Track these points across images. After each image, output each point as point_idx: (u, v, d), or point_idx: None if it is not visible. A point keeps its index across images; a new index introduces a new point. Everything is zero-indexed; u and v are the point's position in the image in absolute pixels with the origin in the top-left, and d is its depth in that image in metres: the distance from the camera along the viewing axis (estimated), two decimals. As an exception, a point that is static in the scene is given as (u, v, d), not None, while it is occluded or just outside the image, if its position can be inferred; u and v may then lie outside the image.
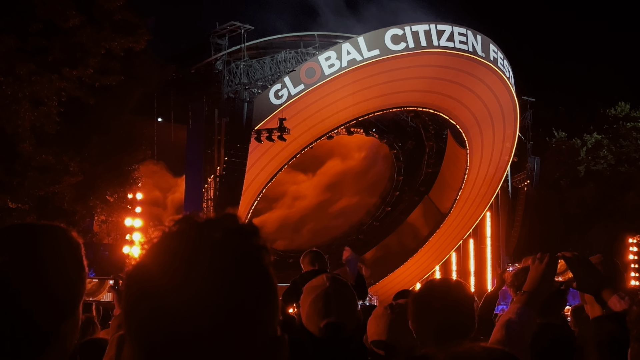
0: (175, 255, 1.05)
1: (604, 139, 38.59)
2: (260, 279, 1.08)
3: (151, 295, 1.04)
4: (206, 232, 1.07)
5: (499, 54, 30.78)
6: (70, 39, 17.72)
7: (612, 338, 2.64)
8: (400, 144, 36.06)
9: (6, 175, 17.53)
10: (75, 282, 1.55)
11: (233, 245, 1.07)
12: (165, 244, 1.08)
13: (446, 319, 2.79)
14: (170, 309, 1.02)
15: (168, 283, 1.03)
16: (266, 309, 1.07)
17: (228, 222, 1.11)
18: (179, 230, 1.09)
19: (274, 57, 27.88)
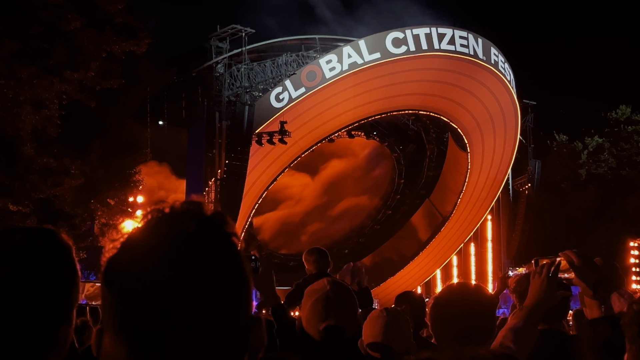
0: (151, 251, 1.09)
1: (605, 142, 38.57)
2: (234, 267, 1.12)
3: (131, 291, 1.07)
4: (180, 226, 1.10)
5: (499, 57, 30.79)
6: (72, 41, 17.73)
7: (606, 341, 2.67)
8: (401, 147, 36.07)
9: (7, 178, 17.54)
10: (69, 285, 1.55)
11: (206, 236, 1.11)
12: (140, 239, 1.12)
13: (465, 323, 2.80)
14: (150, 303, 1.06)
15: (147, 280, 1.06)
16: (243, 295, 1.12)
17: (198, 213, 1.14)
18: (153, 225, 1.12)
19: (275, 60, 27.91)
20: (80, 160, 19.13)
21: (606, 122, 39.78)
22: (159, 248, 1.09)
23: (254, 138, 26.50)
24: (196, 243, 1.09)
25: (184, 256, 1.08)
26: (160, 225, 1.12)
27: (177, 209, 1.14)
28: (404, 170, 36.70)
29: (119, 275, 1.10)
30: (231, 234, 1.15)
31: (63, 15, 17.27)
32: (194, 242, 1.09)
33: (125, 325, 1.07)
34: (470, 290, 2.99)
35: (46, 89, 17.18)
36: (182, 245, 1.09)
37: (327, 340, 2.86)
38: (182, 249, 1.08)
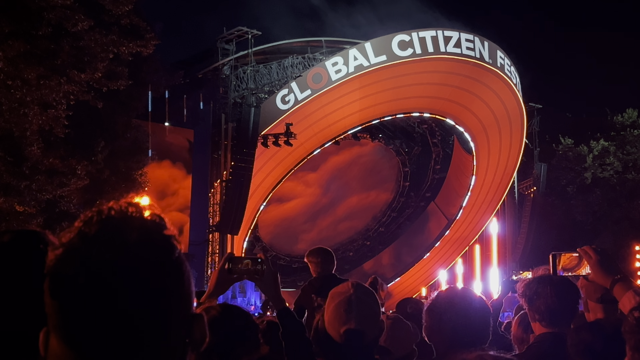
0: (90, 260, 1.13)
1: (611, 146, 38.47)
2: (172, 271, 1.18)
3: (73, 301, 1.12)
4: (118, 232, 1.15)
5: (506, 61, 30.76)
6: (78, 42, 17.78)
7: (587, 346, 2.74)
8: (407, 149, 36.06)
9: (14, 178, 17.59)
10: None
11: (144, 245, 1.16)
12: (79, 248, 1.15)
13: (457, 329, 2.84)
14: (91, 311, 1.11)
15: (87, 289, 1.11)
16: (182, 296, 1.19)
17: (135, 216, 1.19)
18: (92, 232, 1.16)
19: (281, 62, 27.94)
20: (86, 161, 19.18)
21: (612, 125, 39.68)
22: (101, 257, 1.13)
23: (260, 140, 26.52)
24: (136, 249, 1.15)
25: (125, 264, 1.13)
26: (99, 232, 1.16)
27: (114, 214, 1.19)
28: (409, 172, 36.69)
29: (62, 286, 1.13)
30: (170, 237, 1.20)
31: (70, 17, 17.32)
32: (134, 248, 1.14)
33: (69, 332, 1.12)
34: (457, 296, 3.04)
35: (53, 89, 17.22)
36: (123, 253, 1.13)
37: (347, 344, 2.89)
38: (123, 257, 1.13)
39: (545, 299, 3.35)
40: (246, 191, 26.12)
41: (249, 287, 29.44)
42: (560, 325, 3.24)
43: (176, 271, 1.19)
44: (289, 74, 27.56)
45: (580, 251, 2.93)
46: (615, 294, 2.75)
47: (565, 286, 3.23)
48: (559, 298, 3.33)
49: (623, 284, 2.73)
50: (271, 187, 29.80)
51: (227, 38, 28.29)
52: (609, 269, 2.81)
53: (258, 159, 26.54)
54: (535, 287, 3.39)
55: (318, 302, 6.04)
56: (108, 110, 19.91)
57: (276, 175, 29.65)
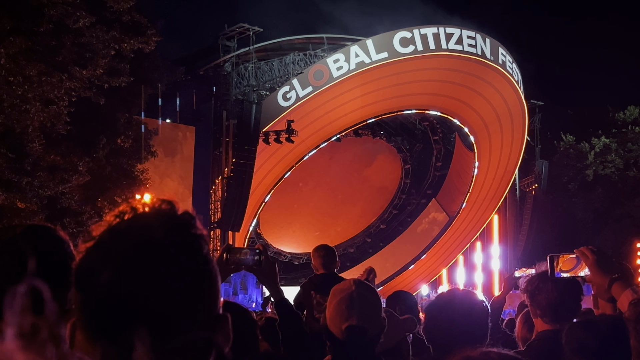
0: (118, 254, 1.13)
1: (613, 143, 38.45)
2: (199, 269, 1.17)
3: (99, 295, 1.12)
4: (148, 229, 1.15)
5: (507, 57, 30.73)
6: (80, 39, 17.79)
7: (581, 344, 2.75)
8: (408, 147, 36.06)
9: (15, 174, 17.61)
10: (69, 275, 1.57)
11: (173, 239, 1.15)
12: (109, 243, 1.15)
13: (456, 330, 2.88)
14: (116, 300, 1.10)
15: (114, 284, 1.11)
16: (207, 295, 1.18)
17: (167, 217, 1.18)
18: (122, 228, 1.16)
19: (282, 59, 27.92)
20: (87, 158, 19.20)
21: (614, 123, 39.65)
22: (126, 252, 1.13)
23: (261, 137, 26.52)
24: (162, 246, 1.14)
25: (151, 260, 1.12)
26: (128, 228, 1.16)
27: (146, 210, 1.18)
28: (410, 169, 36.70)
29: (85, 279, 1.14)
30: (198, 235, 1.19)
31: (71, 13, 17.34)
32: (160, 245, 1.14)
33: (94, 326, 1.12)
34: (457, 298, 3.09)
35: (55, 86, 17.24)
36: (149, 249, 1.13)
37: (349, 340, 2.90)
38: (149, 253, 1.13)
39: (546, 294, 3.35)
40: (247, 188, 26.12)
41: (250, 283, 29.48)
42: (562, 321, 3.24)
43: (201, 270, 1.17)
44: (290, 70, 27.55)
45: (577, 252, 2.94)
46: (613, 293, 2.76)
47: (567, 282, 3.23)
48: (561, 294, 3.33)
49: (621, 283, 2.74)
50: (272, 184, 29.81)
51: (228, 35, 28.27)
52: (607, 269, 2.82)
53: (259, 156, 26.54)
54: (537, 282, 3.39)
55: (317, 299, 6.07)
56: (109, 106, 19.93)
57: (277, 172, 29.65)
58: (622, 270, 2.83)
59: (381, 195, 37.13)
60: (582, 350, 2.75)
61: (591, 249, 2.90)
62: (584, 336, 2.77)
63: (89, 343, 1.13)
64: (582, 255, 2.90)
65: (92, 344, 1.13)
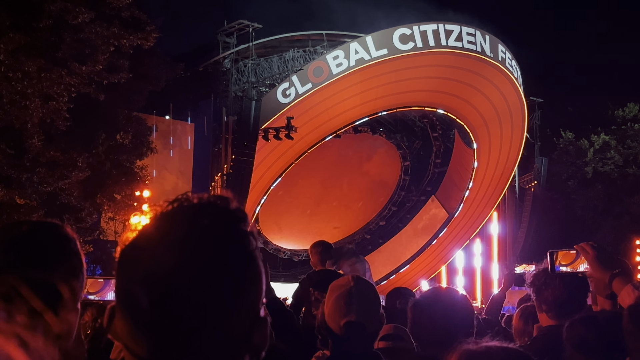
0: (165, 238, 1.12)
1: (612, 140, 38.46)
2: (243, 263, 1.14)
3: (141, 273, 1.11)
4: (195, 218, 1.14)
5: (507, 54, 30.73)
6: (79, 35, 17.79)
7: (582, 340, 2.78)
8: (408, 143, 36.05)
9: (15, 171, 17.61)
10: (76, 272, 1.57)
11: (219, 231, 1.14)
12: (157, 226, 1.14)
13: (439, 325, 2.97)
14: (158, 285, 1.09)
15: (158, 263, 1.10)
16: (248, 292, 1.14)
17: (218, 208, 1.17)
18: (170, 214, 1.16)
19: (282, 55, 27.90)
20: (87, 154, 19.19)
21: (613, 119, 39.67)
22: (172, 239, 1.11)
23: (261, 133, 26.52)
24: (208, 237, 1.12)
25: (195, 249, 1.10)
26: (177, 216, 1.15)
27: (197, 202, 1.17)
28: (409, 166, 36.69)
29: (126, 267, 1.13)
30: (246, 232, 1.17)
31: (71, 9, 17.33)
32: (206, 236, 1.12)
33: (129, 311, 1.11)
34: (440, 296, 3.17)
35: (54, 82, 17.23)
36: (195, 239, 1.11)
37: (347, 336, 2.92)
38: (194, 242, 1.11)
39: (553, 289, 3.36)
40: (247, 185, 26.13)
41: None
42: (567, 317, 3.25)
43: (247, 265, 1.15)
44: (289, 67, 27.53)
45: (577, 248, 2.95)
46: (614, 289, 2.76)
47: (574, 278, 3.23)
48: (567, 289, 3.34)
49: (622, 278, 2.74)
50: (272, 180, 29.82)
51: (228, 31, 28.25)
52: (607, 264, 2.82)
53: (259, 153, 26.54)
54: (544, 277, 3.40)
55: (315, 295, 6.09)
56: (109, 103, 19.91)
57: (277, 168, 29.65)
58: (622, 266, 2.83)
59: (380, 191, 37.13)
60: (583, 346, 2.76)
61: (591, 245, 2.91)
62: (585, 332, 2.78)
63: (126, 328, 1.12)
64: (582, 250, 2.91)
65: (129, 329, 1.12)
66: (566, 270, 3.02)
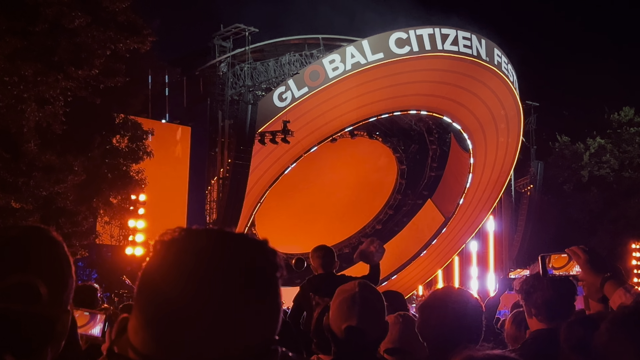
0: (189, 269, 1.11)
1: (608, 144, 38.55)
2: (264, 297, 1.15)
3: (160, 297, 1.10)
4: (222, 251, 1.14)
5: (503, 58, 30.79)
6: (75, 39, 17.78)
7: (579, 341, 2.76)
8: (404, 147, 36.08)
9: (11, 175, 17.58)
10: (65, 277, 1.57)
11: (246, 263, 1.14)
12: (180, 257, 1.13)
13: (449, 327, 2.88)
14: (176, 312, 1.08)
15: (178, 290, 1.09)
16: (264, 324, 1.14)
17: (243, 240, 1.18)
18: (194, 245, 1.15)
19: (278, 59, 27.92)
20: (83, 158, 19.17)
21: (609, 123, 39.76)
22: (188, 255, 1.12)
23: (257, 137, 26.52)
24: (233, 269, 1.12)
25: (211, 268, 1.11)
26: (194, 240, 1.16)
27: (228, 234, 1.20)
28: (406, 170, 36.72)
29: (147, 277, 1.13)
30: (275, 264, 1.19)
31: (67, 13, 17.32)
32: (230, 268, 1.12)
33: (142, 317, 1.11)
34: (452, 295, 3.08)
35: (50, 86, 17.21)
36: (215, 257, 1.13)
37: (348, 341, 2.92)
38: (213, 261, 1.12)
39: (542, 292, 3.36)
40: (243, 188, 26.12)
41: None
42: (557, 320, 3.26)
43: (267, 298, 1.15)
44: (286, 71, 27.55)
45: (569, 251, 2.95)
46: (606, 292, 2.77)
47: (562, 281, 3.25)
48: (556, 291, 3.34)
49: (613, 281, 2.74)
50: (268, 184, 29.81)
51: (224, 35, 28.26)
52: (599, 268, 2.83)
53: (255, 157, 26.54)
54: (533, 281, 3.41)
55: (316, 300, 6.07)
56: (105, 107, 19.90)
57: (273, 172, 29.65)
58: (613, 270, 2.84)
59: (377, 195, 37.14)
60: (580, 347, 2.77)
61: (583, 248, 2.91)
62: (582, 333, 2.78)
63: (139, 332, 1.12)
64: (574, 254, 2.91)
65: (141, 334, 1.11)
66: (558, 274, 3.03)
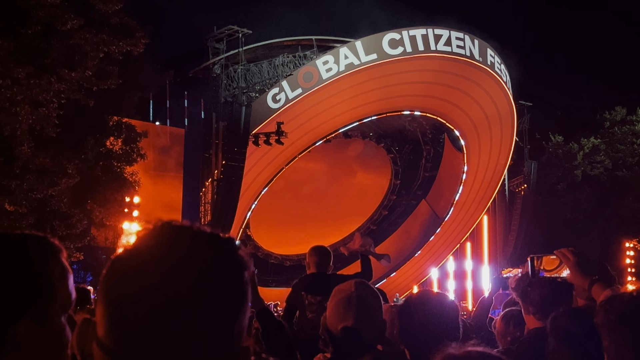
0: (155, 258, 1.09)
1: (601, 144, 38.65)
2: (234, 291, 1.11)
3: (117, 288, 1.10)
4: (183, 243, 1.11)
5: (496, 59, 30.85)
6: (68, 41, 17.75)
7: (566, 331, 2.81)
8: (398, 148, 36.12)
9: (5, 178, 17.54)
10: (64, 283, 1.56)
11: (218, 258, 1.11)
12: (150, 247, 1.12)
13: (429, 329, 2.91)
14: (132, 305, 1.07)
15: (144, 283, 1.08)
16: (233, 321, 1.11)
17: (218, 239, 1.14)
18: (158, 235, 1.13)
19: (271, 61, 27.93)
20: (77, 160, 19.14)
21: (602, 123, 39.87)
22: (162, 257, 1.09)
23: (251, 139, 26.51)
24: (205, 260, 1.10)
25: (173, 271, 1.07)
26: (163, 236, 1.13)
27: (191, 227, 1.15)
28: (400, 171, 36.75)
29: (119, 274, 1.12)
30: (244, 262, 1.14)
31: (59, 15, 17.29)
32: (201, 258, 1.10)
33: (116, 321, 1.09)
34: (430, 300, 3.10)
35: (44, 88, 17.18)
36: (173, 261, 1.09)
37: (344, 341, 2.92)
38: (174, 264, 1.08)
39: (540, 289, 3.36)
40: (237, 190, 26.11)
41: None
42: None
43: (237, 293, 1.12)
44: (279, 72, 27.56)
45: (557, 253, 2.96)
46: (593, 294, 2.77)
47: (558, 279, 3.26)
48: (553, 288, 3.35)
49: (601, 284, 2.76)
50: (262, 186, 29.80)
51: (217, 37, 28.26)
52: (587, 270, 2.85)
53: (249, 158, 26.53)
54: (527, 280, 3.41)
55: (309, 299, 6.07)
56: (98, 109, 19.88)
57: (267, 174, 29.64)
58: (602, 272, 2.86)
59: (371, 196, 37.17)
60: (566, 338, 2.78)
61: (572, 251, 2.92)
62: (568, 324, 2.80)
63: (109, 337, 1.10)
64: (563, 256, 2.92)
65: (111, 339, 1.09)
66: (549, 277, 3.04)
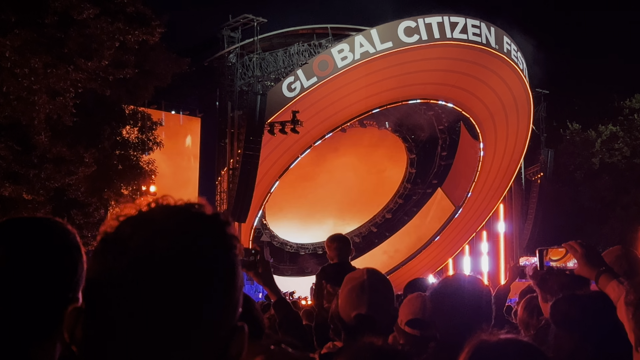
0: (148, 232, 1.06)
1: (619, 131, 38.30)
2: (222, 270, 1.09)
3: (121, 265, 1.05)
4: (165, 222, 1.08)
5: (512, 46, 30.64)
6: (85, 30, 17.81)
7: (565, 316, 2.81)
8: (413, 136, 36.03)
9: (22, 167, 17.68)
10: (74, 265, 1.58)
11: (204, 236, 1.08)
12: (152, 217, 1.09)
13: (462, 313, 2.89)
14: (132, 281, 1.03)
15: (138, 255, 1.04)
16: (222, 299, 1.08)
17: (202, 212, 1.11)
18: (157, 212, 1.10)
19: (286, 49, 27.90)
20: (93, 149, 19.25)
21: (620, 110, 39.49)
22: (156, 232, 1.06)
23: (266, 128, 26.53)
24: (193, 238, 1.07)
25: (174, 247, 1.05)
26: (160, 213, 1.10)
27: (167, 203, 1.12)
28: (415, 159, 36.69)
29: (112, 245, 1.08)
30: (233, 237, 1.12)
31: (76, 5, 17.34)
32: (191, 235, 1.07)
33: (92, 320, 1.06)
34: (464, 282, 3.08)
35: (61, 77, 17.26)
36: (158, 242, 1.05)
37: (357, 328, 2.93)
38: (158, 246, 1.05)
39: (558, 277, 3.36)
40: (253, 179, 26.16)
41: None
42: None
43: (225, 272, 1.09)
44: (294, 61, 27.53)
45: (565, 246, 3.00)
46: (600, 286, 2.82)
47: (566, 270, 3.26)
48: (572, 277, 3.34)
49: (607, 275, 2.79)
50: (278, 174, 29.85)
51: (232, 26, 28.25)
52: (594, 262, 2.88)
53: (265, 147, 26.56)
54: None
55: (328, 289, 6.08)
56: (115, 98, 19.97)
57: (283, 162, 29.68)
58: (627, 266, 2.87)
59: (386, 184, 37.14)
60: (566, 323, 2.80)
61: (580, 243, 2.96)
62: (568, 309, 2.82)
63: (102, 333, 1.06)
64: (571, 248, 2.96)
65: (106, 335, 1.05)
66: (556, 267, 3.07)
